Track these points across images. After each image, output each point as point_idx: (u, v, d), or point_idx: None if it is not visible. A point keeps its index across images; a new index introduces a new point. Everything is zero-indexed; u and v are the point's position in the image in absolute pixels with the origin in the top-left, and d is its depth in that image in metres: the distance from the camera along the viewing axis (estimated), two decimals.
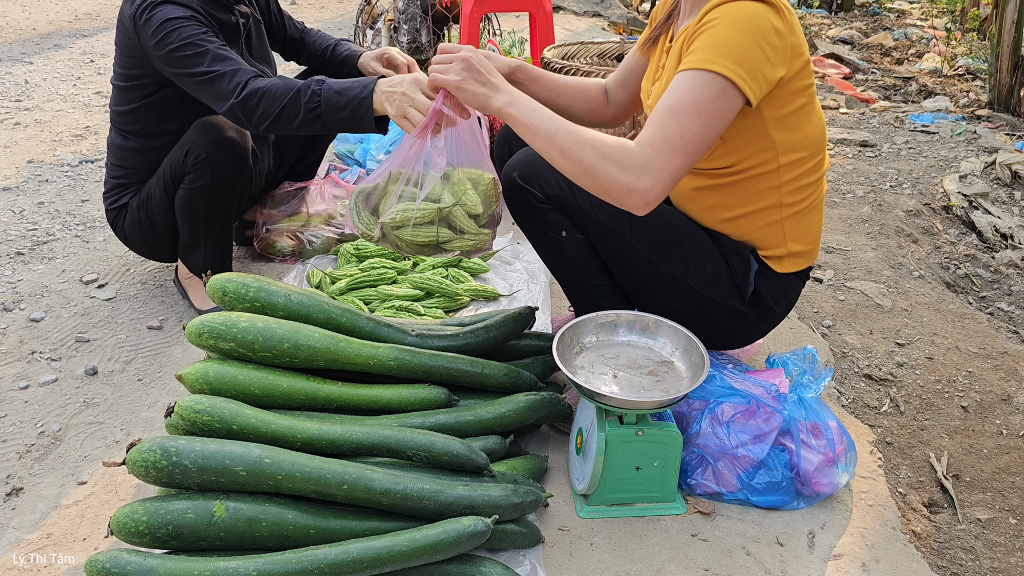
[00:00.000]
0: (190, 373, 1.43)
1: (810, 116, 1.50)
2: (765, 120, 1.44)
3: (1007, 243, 2.90)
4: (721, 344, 1.71)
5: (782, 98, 1.43)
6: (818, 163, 1.55)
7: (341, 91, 1.70)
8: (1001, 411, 1.91)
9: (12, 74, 4.58)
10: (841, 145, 3.78)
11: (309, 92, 1.72)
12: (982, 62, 5.79)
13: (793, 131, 1.47)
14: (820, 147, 1.54)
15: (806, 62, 1.43)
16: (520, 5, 3.92)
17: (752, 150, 1.48)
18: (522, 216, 1.63)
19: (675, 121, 1.30)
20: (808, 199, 1.56)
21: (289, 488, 1.26)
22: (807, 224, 1.59)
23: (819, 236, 1.64)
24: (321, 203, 2.53)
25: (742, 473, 1.52)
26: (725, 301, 1.59)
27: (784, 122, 1.46)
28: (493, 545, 1.37)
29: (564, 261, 1.63)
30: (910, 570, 1.42)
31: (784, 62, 1.36)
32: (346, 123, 1.71)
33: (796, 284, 1.66)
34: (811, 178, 1.55)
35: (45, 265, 2.43)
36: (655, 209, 1.50)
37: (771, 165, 1.49)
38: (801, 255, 1.61)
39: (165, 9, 1.87)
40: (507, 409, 1.54)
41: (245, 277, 1.56)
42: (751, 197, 1.53)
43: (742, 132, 1.46)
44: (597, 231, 1.56)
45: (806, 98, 1.47)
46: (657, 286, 1.59)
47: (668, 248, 1.56)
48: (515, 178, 1.59)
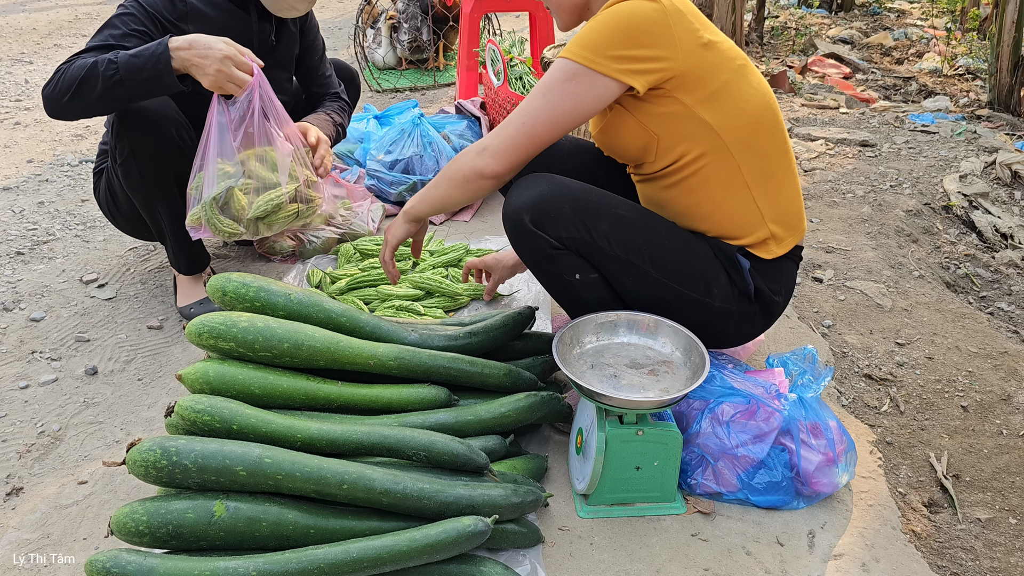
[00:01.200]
0: (190, 373, 1.43)
1: (739, 90, 1.50)
2: (689, 106, 1.47)
3: (1007, 243, 2.90)
4: (729, 345, 1.71)
5: (695, 81, 1.46)
6: (771, 135, 1.54)
7: (136, 54, 1.73)
8: (1001, 411, 1.91)
9: (12, 74, 4.58)
10: (841, 145, 3.78)
11: (105, 62, 1.72)
12: (982, 62, 5.79)
13: (724, 109, 1.48)
14: (767, 119, 1.53)
15: (708, 43, 1.46)
16: (520, 5, 3.92)
17: (692, 139, 1.50)
18: (531, 260, 1.56)
19: (522, 103, 1.49)
20: (775, 173, 1.56)
21: (289, 488, 1.26)
22: (783, 201, 1.58)
23: (799, 213, 1.62)
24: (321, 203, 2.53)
25: (742, 473, 1.52)
26: (739, 308, 1.59)
27: (710, 103, 1.47)
28: (493, 545, 1.37)
29: (576, 299, 1.60)
30: (910, 570, 1.42)
31: (670, 48, 1.42)
32: (148, 85, 1.74)
33: (790, 268, 1.65)
34: (770, 152, 1.54)
35: (45, 265, 2.43)
36: (668, 233, 1.54)
37: (720, 148, 1.50)
38: (784, 234, 1.59)
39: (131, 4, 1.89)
40: (507, 409, 1.54)
41: (245, 277, 1.56)
42: (716, 185, 1.53)
43: (673, 123, 1.49)
44: (615, 267, 1.53)
45: (728, 74, 1.48)
46: (676, 310, 1.57)
47: (687, 272, 1.54)
48: (526, 223, 1.50)
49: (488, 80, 3.24)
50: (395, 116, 3.21)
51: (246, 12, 2.04)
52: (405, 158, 2.81)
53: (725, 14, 6.46)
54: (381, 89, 4.44)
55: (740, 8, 6.48)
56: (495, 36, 4.46)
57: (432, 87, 4.52)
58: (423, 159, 2.80)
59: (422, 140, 2.83)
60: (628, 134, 1.54)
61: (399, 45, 4.62)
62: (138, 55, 1.72)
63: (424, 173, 2.78)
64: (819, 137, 3.85)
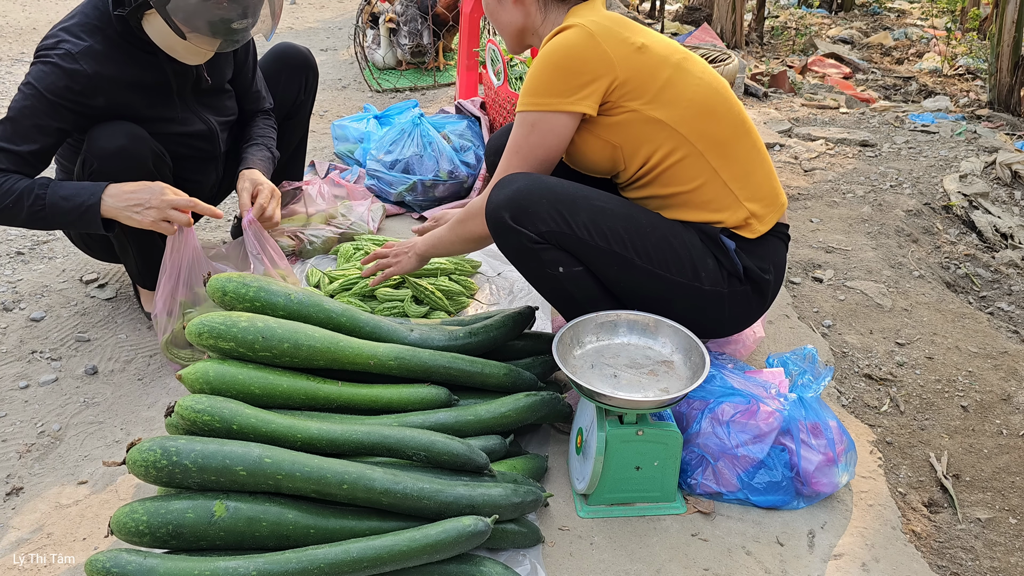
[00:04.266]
0: (190, 373, 1.43)
1: (683, 83, 1.55)
2: (637, 110, 1.53)
3: (1007, 243, 2.90)
4: (728, 331, 1.71)
5: (638, 86, 1.52)
6: (724, 119, 1.57)
7: (67, 196, 1.71)
8: (1001, 411, 1.91)
9: (12, 74, 4.58)
10: (841, 145, 3.78)
11: (33, 196, 1.70)
12: (982, 62, 5.79)
13: (673, 104, 1.54)
14: (716, 103, 1.57)
15: (639, 48, 1.53)
16: None
17: (653, 139, 1.55)
18: (514, 256, 1.58)
19: (502, 161, 1.61)
20: (738, 155, 1.58)
21: (289, 488, 1.26)
22: (754, 180, 1.60)
23: (775, 189, 1.64)
24: (321, 203, 2.53)
25: (742, 473, 1.52)
26: (729, 290, 1.59)
27: (658, 101, 1.53)
28: (493, 545, 1.37)
29: (564, 294, 1.60)
30: (910, 570, 1.42)
31: (605, 67, 1.50)
32: (73, 225, 1.76)
33: (776, 245, 1.65)
34: (727, 135, 1.57)
35: (45, 265, 2.43)
36: (649, 221, 1.57)
37: (680, 141, 1.54)
38: (763, 211, 1.61)
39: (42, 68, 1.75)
40: (507, 409, 1.54)
41: (245, 277, 1.56)
42: (687, 177, 1.56)
43: (630, 130, 1.55)
44: (598, 258, 1.54)
45: (669, 70, 1.54)
46: (666, 297, 1.58)
47: (673, 258, 1.55)
48: (505, 219, 1.52)
49: (488, 80, 3.24)
50: (395, 116, 3.21)
51: (154, 55, 1.87)
52: (405, 158, 2.81)
53: (725, 14, 6.47)
54: (381, 89, 4.44)
55: (740, 8, 6.49)
56: (495, 36, 4.46)
57: (432, 87, 4.52)
58: (423, 159, 2.80)
59: (422, 140, 2.83)
60: (593, 151, 1.61)
61: (399, 48, 4.62)
62: (68, 198, 1.71)
63: (424, 173, 2.78)
64: (819, 137, 3.85)
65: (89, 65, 1.77)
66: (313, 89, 2.43)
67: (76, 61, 1.75)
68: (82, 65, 1.76)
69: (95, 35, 1.81)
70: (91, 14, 1.83)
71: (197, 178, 2.12)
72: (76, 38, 1.79)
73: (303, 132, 2.51)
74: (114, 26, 1.82)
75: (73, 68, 1.75)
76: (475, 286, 2.27)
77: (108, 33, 1.82)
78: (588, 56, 1.50)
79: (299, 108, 2.40)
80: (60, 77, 1.75)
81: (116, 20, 1.81)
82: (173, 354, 1.89)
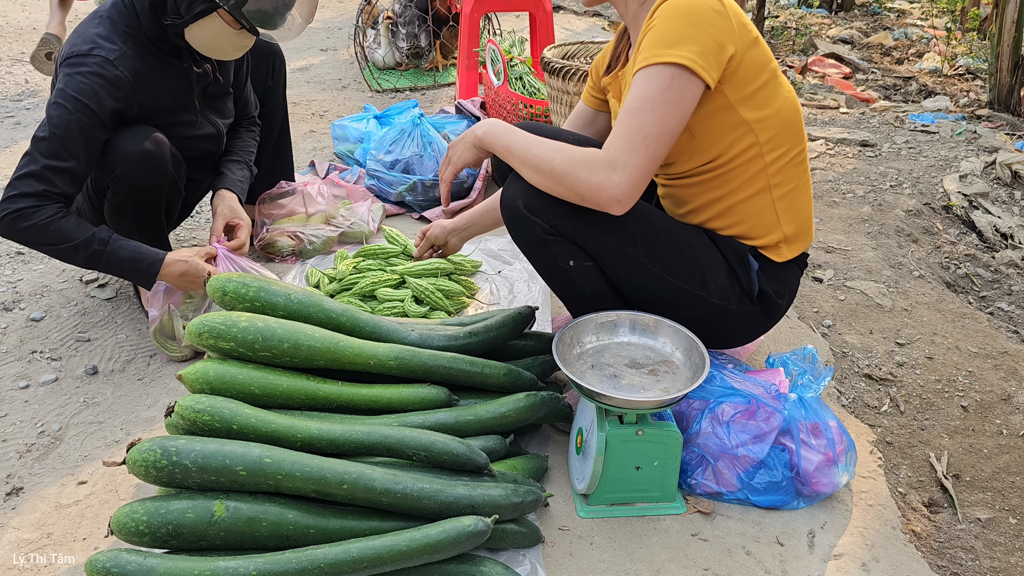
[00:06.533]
0: (190, 373, 1.43)
1: (778, 91, 1.51)
2: (733, 103, 1.46)
3: (1007, 243, 2.90)
4: (729, 344, 1.71)
5: (744, 77, 1.45)
6: (796, 139, 1.56)
7: (128, 259, 1.77)
8: (1001, 411, 1.91)
9: (12, 74, 4.58)
10: (841, 145, 3.78)
11: (94, 244, 1.73)
12: (982, 62, 5.79)
13: (764, 109, 1.49)
14: (795, 122, 1.55)
15: (756, 39, 1.46)
16: (520, 5, 3.92)
17: (730, 138, 1.49)
18: (526, 246, 1.57)
19: (631, 119, 1.37)
20: (795, 177, 1.57)
21: (289, 488, 1.27)
22: (797, 205, 1.59)
23: (811, 218, 1.64)
24: (321, 203, 2.53)
25: (742, 473, 1.52)
26: (738, 307, 1.59)
27: (752, 101, 1.47)
28: (493, 545, 1.37)
29: (572, 288, 1.60)
30: (910, 570, 1.42)
31: (732, 39, 1.40)
32: (121, 276, 1.84)
33: (795, 273, 1.66)
34: (793, 156, 1.55)
35: (45, 265, 2.43)
36: (664, 225, 1.54)
37: (754, 149, 1.50)
38: (796, 238, 1.60)
39: (81, 80, 1.71)
40: (507, 409, 1.54)
41: (245, 276, 1.56)
42: (741, 185, 1.54)
43: (715, 121, 1.48)
44: (608, 256, 1.53)
45: (768, 74, 1.49)
46: (672, 303, 1.57)
47: (683, 265, 1.54)
48: (519, 207, 1.50)
49: (488, 80, 3.24)
50: (395, 116, 3.21)
51: (180, 60, 1.91)
52: (405, 158, 2.81)
53: None
54: (381, 89, 4.44)
55: None
56: (495, 36, 4.46)
57: (432, 87, 4.52)
58: (423, 159, 2.80)
59: (422, 140, 2.83)
60: None
61: (398, 50, 4.62)
62: (129, 259, 1.76)
63: (424, 173, 2.78)
64: (819, 137, 3.85)
65: (128, 71, 1.77)
66: (281, 75, 2.41)
67: (116, 67, 1.75)
68: (121, 71, 1.76)
69: (127, 41, 1.80)
70: (118, 20, 1.81)
71: (198, 177, 2.14)
72: (110, 43, 1.77)
73: (281, 121, 2.47)
74: (144, 31, 1.82)
75: (115, 75, 1.75)
76: (475, 286, 2.27)
77: (138, 39, 1.82)
78: (721, 24, 1.38)
79: (269, 94, 2.38)
80: (104, 87, 1.73)
81: (153, 26, 1.81)
82: (160, 343, 1.94)
